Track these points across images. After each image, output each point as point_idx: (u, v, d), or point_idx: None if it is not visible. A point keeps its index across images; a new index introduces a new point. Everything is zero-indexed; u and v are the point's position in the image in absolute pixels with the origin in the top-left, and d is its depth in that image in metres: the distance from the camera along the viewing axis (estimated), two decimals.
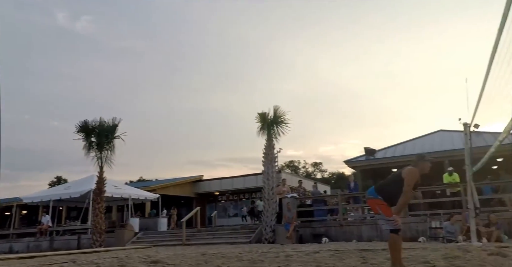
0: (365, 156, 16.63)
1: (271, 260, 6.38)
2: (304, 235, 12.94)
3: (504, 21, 2.69)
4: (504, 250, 5.66)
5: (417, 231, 11.26)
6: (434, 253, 5.90)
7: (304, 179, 30.69)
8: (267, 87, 77.40)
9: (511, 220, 10.58)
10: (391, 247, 4.51)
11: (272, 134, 14.07)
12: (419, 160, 4.51)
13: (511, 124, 3.24)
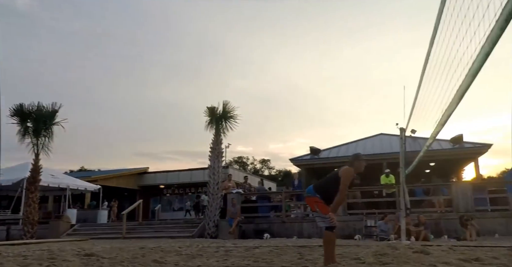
0: (310, 155, 17.12)
1: (210, 254, 6.39)
2: (247, 230, 13.07)
3: (435, 34, 2.89)
4: (428, 248, 6.07)
5: (354, 229, 11.77)
6: (366, 250, 6.20)
7: (251, 176, 30.96)
8: (221, 82, 77.09)
9: (439, 221, 11.38)
10: (325, 243, 4.68)
11: (220, 129, 14.05)
12: (354, 160, 4.68)
13: (436, 131, 3.49)
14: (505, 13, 1.44)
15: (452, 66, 2.43)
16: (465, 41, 2.03)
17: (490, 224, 11.00)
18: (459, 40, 2.15)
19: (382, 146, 16.43)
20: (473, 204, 11.66)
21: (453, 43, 2.32)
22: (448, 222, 11.17)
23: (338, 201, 4.48)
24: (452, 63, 2.40)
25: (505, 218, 11.11)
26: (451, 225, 10.94)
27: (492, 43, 1.60)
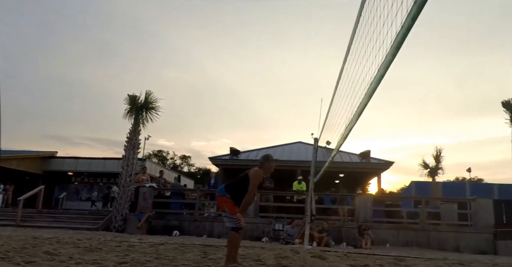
0: (229, 155, 17.26)
1: (110, 249, 6.12)
2: (157, 226, 12.75)
3: (348, 53, 3.11)
4: (325, 253, 6.46)
5: (263, 232, 12.11)
6: (269, 253, 6.40)
7: (169, 171, 30.30)
8: (149, 71, 74.39)
9: (341, 229, 12.16)
10: (229, 244, 4.74)
11: (140, 119, 13.56)
12: (264, 161, 4.77)
13: (339, 144, 3.73)
14: (396, 41, 1.60)
15: (356, 85, 2.63)
16: (368, 63, 2.22)
17: (384, 234, 12.02)
18: (364, 62, 2.35)
19: (299, 153, 17.15)
20: (372, 215, 12.66)
21: (360, 64, 2.53)
22: (348, 230, 11.99)
23: (246, 202, 4.54)
24: (357, 82, 2.61)
25: (397, 230, 12.23)
26: (351, 233, 11.76)
27: (385, 67, 1.77)
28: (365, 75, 2.31)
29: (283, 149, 18.14)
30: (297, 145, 18.75)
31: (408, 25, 1.45)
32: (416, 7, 1.37)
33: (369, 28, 2.22)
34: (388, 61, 1.71)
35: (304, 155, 16.35)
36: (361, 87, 2.43)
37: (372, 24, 2.12)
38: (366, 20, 2.30)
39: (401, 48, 1.60)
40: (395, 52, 1.64)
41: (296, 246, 9.04)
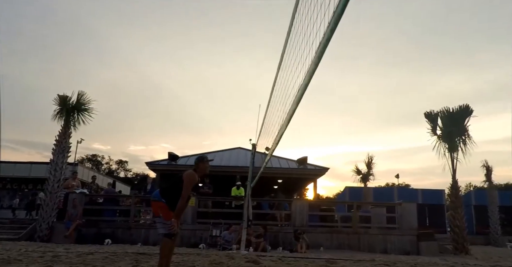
0: (167, 160, 16.86)
1: (32, 260, 5.68)
2: (88, 235, 12.05)
3: (281, 61, 3.20)
4: (260, 258, 6.53)
5: (201, 238, 11.94)
6: (204, 259, 6.33)
7: (103, 176, 28.93)
8: (84, 70, 70.77)
9: (278, 233, 12.36)
10: (162, 251, 4.59)
11: (70, 121, 12.78)
12: (198, 162, 4.65)
13: (273, 149, 3.81)
14: (319, 51, 1.68)
15: (287, 92, 2.72)
16: (297, 71, 2.30)
17: (319, 238, 12.40)
18: (294, 70, 2.43)
19: (238, 159, 17.21)
20: (308, 219, 13.01)
21: (290, 72, 2.61)
22: (285, 235, 12.21)
23: (180, 206, 4.39)
24: (288, 89, 2.69)
25: (331, 234, 12.68)
26: (288, 237, 11.99)
27: (309, 75, 1.86)
28: (294, 83, 2.40)
29: (222, 155, 18.11)
30: (236, 150, 18.83)
31: (328, 36, 1.53)
32: (334, 20, 1.45)
33: (298, 38, 2.31)
34: (312, 70, 1.79)
35: (243, 161, 16.45)
36: (291, 94, 2.51)
37: (300, 35, 2.21)
38: (296, 31, 2.39)
39: (323, 57, 1.69)
40: (317, 62, 1.72)
41: (233, 252, 9.02)
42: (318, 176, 17.54)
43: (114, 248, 9.29)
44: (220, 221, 12.12)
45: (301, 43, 2.14)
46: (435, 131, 13.99)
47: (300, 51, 2.16)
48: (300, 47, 2.16)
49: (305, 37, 1.97)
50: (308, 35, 1.89)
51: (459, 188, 14.24)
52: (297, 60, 2.34)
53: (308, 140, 79.52)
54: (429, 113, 14.15)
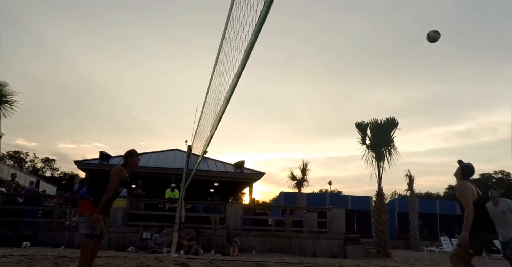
0: (99, 160, 16.10)
1: None
2: (3, 237, 11.09)
3: (214, 67, 3.25)
4: (190, 261, 6.45)
5: (130, 241, 11.52)
6: (130, 262, 6.12)
7: (26, 175, 26.96)
8: (11, 60, 65.35)
9: (211, 237, 12.29)
10: (82, 252, 4.36)
11: None
12: (127, 156, 4.53)
13: (204, 150, 3.82)
14: (245, 54, 1.75)
15: (219, 94, 2.76)
16: (227, 74, 2.36)
17: (252, 241, 12.53)
18: (225, 73, 2.48)
19: (174, 161, 16.87)
20: (242, 223, 13.10)
21: (222, 74, 2.66)
22: (218, 238, 12.17)
23: (103, 201, 4.20)
24: (220, 92, 2.73)
25: (264, 237, 12.86)
26: (221, 241, 11.96)
27: (236, 77, 1.92)
28: (225, 85, 2.44)
29: (158, 156, 17.65)
30: (173, 152, 18.45)
31: (252, 40, 1.59)
32: (258, 25, 1.51)
33: (230, 41, 2.36)
34: (239, 72, 1.84)
35: (180, 163, 16.15)
36: (222, 95, 2.55)
37: (231, 39, 2.26)
38: (230, 33, 2.44)
39: (248, 59, 1.75)
40: (244, 64, 1.78)
41: (163, 255, 8.82)
42: (254, 180, 17.74)
43: (32, 250, 8.66)
44: (152, 223, 11.80)
45: (232, 45, 2.20)
46: (365, 141, 14.86)
47: (231, 53, 2.21)
48: (231, 50, 2.22)
49: (236, 39, 2.03)
50: (238, 37, 1.95)
51: (384, 196, 15.19)
52: (228, 62, 2.39)
53: (247, 146, 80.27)
54: (360, 123, 15.01)
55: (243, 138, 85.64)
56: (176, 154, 17.88)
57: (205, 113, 4.13)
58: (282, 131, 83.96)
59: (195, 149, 7.40)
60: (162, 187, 13.97)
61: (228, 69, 2.36)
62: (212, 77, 3.40)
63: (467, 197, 4.24)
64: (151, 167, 15.93)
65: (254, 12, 1.55)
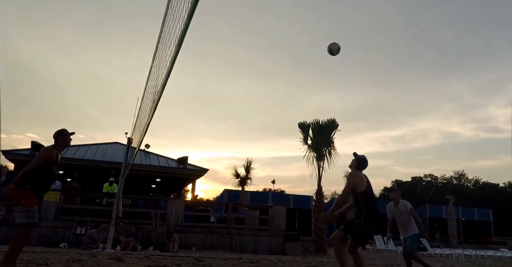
0: (30, 150, 15.09)
1: None
2: None
3: (154, 56, 3.21)
4: (125, 256, 6.28)
5: (64, 237, 10.95)
6: (61, 257, 5.84)
7: None
8: None
9: (150, 233, 12.01)
10: (14, 242, 4.09)
11: None
12: (58, 135, 4.42)
13: (140, 140, 3.76)
14: (173, 53, 1.76)
15: (156, 83, 2.74)
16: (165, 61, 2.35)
17: (193, 238, 12.42)
18: (164, 59, 2.47)
19: (114, 154, 16.22)
20: (183, 219, 12.94)
21: (160, 62, 2.64)
22: (158, 235, 11.92)
23: (20, 174, 4.08)
24: (157, 80, 2.71)
25: (205, 234, 12.80)
26: (161, 237, 11.72)
27: (167, 72, 1.93)
28: (162, 72, 2.43)
29: (97, 148, 16.87)
30: (113, 145, 17.71)
31: (185, 23, 1.61)
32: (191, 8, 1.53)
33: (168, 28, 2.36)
34: (173, 58, 1.86)
35: (119, 157, 15.54)
36: (159, 83, 2.54)
37: (170, 26, 2.26)
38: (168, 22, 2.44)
39: (184, 40, 1.77)
40: (174, 59, 1.80)
41: (98, 250, 8.49)
42: (197, 176, 17.60)
43: None
44: (87, 218, 11.30)
45: (171, 31, 2.19)
46: (307, 140, 15.30)
47: (170, 37, 2.21)
48: (170, 33, 2.21)
49: (174, 25, 2.02)
50: (176, 23, 1.95)
51: (324, 196, 15.75)
52: (166, 46, 2.38)
53: (192, 143, 79.37)
54: (302, 123, 15.44)
55: (188, 135, 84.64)
56: (116, 147, 17.22)
57: (145, 103, 4.05)
58: (228, 129, 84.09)
59: (135, 142, 7.18)
60: (100, 181, 13.42)
61: (166, 55, 2.35)
62: (152, 66, 3.36)
63: (347, 188, 4.49)
64: (88, 160, 15.23)
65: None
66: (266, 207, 15.67)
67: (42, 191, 4.29)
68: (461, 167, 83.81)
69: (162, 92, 2.32)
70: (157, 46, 2.93)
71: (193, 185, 17.78)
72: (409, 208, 6.44)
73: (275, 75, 73.91)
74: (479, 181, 60.44)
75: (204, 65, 68.62)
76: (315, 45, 66.66)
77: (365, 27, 64.90)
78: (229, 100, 77.79)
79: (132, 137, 7.44)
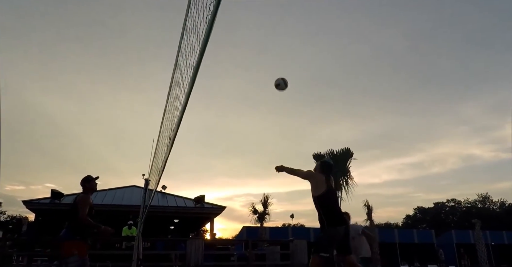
0: (50, 199, 15.31)
1: None
2: None
3: (168, 94, 3.38)
4: None
5: None
6: None
7: None
8: None
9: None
10: None
11: None
12: (85, 182, 4.80)
13: (156, 181, 3.84)
14: (188, 87, 1.91)
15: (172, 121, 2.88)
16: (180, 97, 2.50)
17: None
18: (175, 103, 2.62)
19: (132, 197, 16.33)
20: (203, 259, 12.74)
21: (170, 106, 2.79)
22: None
23: (87, 225, 4.46)
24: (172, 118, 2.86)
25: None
26: None
27: (182, 110, 2.07)
28: (178, 107, 2.57)
29: (115, 193, 17.03)
30: (131, 189, 17.87)
31: (198, 59, 1.75)
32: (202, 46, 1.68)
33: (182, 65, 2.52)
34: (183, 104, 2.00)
35: (137, 199, 15.67)
36: (175, 119, 2.67)
37: (182, 63, 2.42)
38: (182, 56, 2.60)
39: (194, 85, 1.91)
40: (188, 96, 1.94)
41: None
42: (215, 215, 17.48)
43: None
44: (108, 263, 11.23)
45: (183, 69, 2.35)
46: None
47: (182, 76, 2.36)
48: (183, 72, 2.37)
49: (186, 64, 2.17)
50: (188, 61, 2.10)
51: None
52: (180, 84, 2.53)
53: (207, 182, 79.18)
54: (317, 154, 15.47)
55: (202, 174, 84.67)
56: (134, 190, 17.36)
57: (161, 142, 4.20)
58: (243, 166, 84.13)
59: (152, 183, 7.27)
60: (119, 225, 13.44)
61: (180, 92, 2.50)
62: (166, 105, 3.53)
63: (302, 174, 4.69)
64: (106, 205, 15.33)
65: (201, 34, 1.71)
66: (286, 241, 15.35)
67: (88, 239, 4.58)
68: (484, 190, 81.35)
69: (178, 127, 2.44)
70: (171, 86, 3.10)
71: (211, 224, 17.63)
72: (360, 230, 6.50)
73: (286, 107, 74.70)
74: (504, 203, 58.52)
75: (215, 101, 69.86)
76: (324, 77, 67.78)
77: (371, 56, 66.06)
78: (241, 136, 78.43)
79: (149, 178, 7.54)
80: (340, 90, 72.84)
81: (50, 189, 15.95)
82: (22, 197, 68.86)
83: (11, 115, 62.96)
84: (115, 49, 64.84)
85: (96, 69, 64.64)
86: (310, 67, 68.57)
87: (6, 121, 8.76)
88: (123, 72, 67.53)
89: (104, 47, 65.89)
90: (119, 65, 66.12)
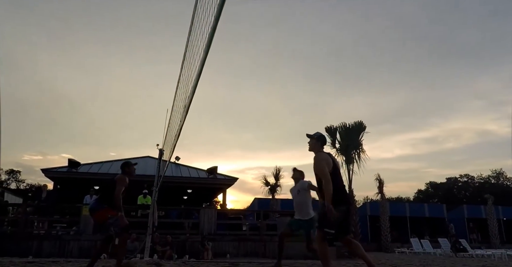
0: (67, 167, 15.76)
1: None
2: None
3: (182, 63, 3.40)
4: (163, 262, 6.49)
5: None
6: (105, 265, 6.10)
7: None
8: None
9: (185, 242, 12.26)
10: (121, 246, 5.13)
11: None
12: (125, 167, 5.26)
13: (171, 151, 3.93)
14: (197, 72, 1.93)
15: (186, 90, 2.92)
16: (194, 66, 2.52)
17: (226, 246, 12.58)
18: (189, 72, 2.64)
19: (146, 168, 16.67)
20: (216, 228, 13.14)
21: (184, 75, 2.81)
22: (192, 244, 12.16)
23: (118, 204, 4.90)
24: (187, 86, 2.89)
25: (238, 242, 12.93)
26: (195, 246, 11.96)
27: (197, 77, 2.10)
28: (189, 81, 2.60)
29: None
30: (145, 159, 18.17)
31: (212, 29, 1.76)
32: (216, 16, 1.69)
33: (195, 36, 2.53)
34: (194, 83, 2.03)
35: (151, 170, 16.01)
36: (189, 90, 2.71)
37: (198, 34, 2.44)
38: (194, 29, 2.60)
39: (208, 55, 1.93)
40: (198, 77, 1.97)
41: (136, 259, 8.75)
42: (228, 186, 17.81)
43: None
44: None
45: (198, 36, 2.36)
46: (335, 144, 15.29)
47: (197, 43, 2.37)
48: (197, 39, 2.38)
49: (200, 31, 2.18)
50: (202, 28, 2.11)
51: (356, 200, 15.59)
52: (194, 53, 2.55)
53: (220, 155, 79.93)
54: (330, 127, 15.44)
55: (215, 147, 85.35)
56: (148, 161, 17.70)
57: (175, 111, 4.26)
58: (255, 139, 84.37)
59: (166, 153, 7.42)
60: (134, 194, 13.84)
61: (194, 61, 2.52)
62: (180, 75, 3.55)
63: (323, 169, 4.07)
64: None
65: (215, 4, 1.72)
66: None
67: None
68: (499, 166, 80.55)
69: (193, 94, 2.48)
70: (185, 55, 3.12)
71: (223, 195, 18.01)
72: (307, 185, 5.82)
73: (299, 81, 73.89)
74: None
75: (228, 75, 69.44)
76: (339, 50, 66.36)
77: (390, 28, 64.14)
78: (254, 109, 78.24)
79: (163, 148, 7.69)
80: (353, 63, 71.39)
81: (66, 159, 16.38)
82: (40, 166, 70.70)
83: (26, 90, 63.85)
84: (126, 21, 64.35)
85: (110, 42, 64.46)
86: (326, 40, 67.15)
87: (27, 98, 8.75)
88: (135, 44, 67.22)
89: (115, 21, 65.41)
90: (131, 37, 65.77)
